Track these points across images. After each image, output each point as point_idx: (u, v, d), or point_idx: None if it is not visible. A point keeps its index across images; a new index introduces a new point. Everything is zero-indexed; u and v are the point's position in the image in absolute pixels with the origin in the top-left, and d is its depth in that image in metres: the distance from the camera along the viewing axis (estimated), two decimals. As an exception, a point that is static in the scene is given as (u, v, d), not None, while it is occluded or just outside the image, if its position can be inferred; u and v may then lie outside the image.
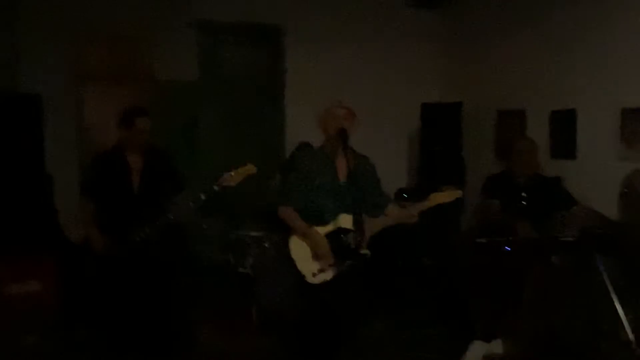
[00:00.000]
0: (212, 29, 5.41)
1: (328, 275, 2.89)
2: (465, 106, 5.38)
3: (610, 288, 2.65)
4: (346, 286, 2.89)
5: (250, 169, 3.17)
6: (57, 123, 4.73)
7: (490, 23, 5.32)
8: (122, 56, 5.20)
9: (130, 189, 3.30)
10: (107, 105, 5.20)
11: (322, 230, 2.91)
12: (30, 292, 3.64)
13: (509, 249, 3.24)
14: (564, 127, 4.36)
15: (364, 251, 2.90)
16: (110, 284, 3.17)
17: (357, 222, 2.83)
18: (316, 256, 2.89)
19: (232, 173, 3.15)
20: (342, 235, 2.87)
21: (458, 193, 3.01)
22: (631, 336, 2.64)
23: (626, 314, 2.68)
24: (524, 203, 3.71)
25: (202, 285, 4.48)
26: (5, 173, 4.08)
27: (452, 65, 5.82)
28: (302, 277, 2.91)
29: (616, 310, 2.65)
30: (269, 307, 4.30)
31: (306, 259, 2.91)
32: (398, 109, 5.75)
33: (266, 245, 4.44)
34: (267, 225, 4.56)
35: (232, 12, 5.33)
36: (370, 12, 5.74)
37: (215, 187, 3.15)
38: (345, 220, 2.90)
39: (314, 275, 2.88)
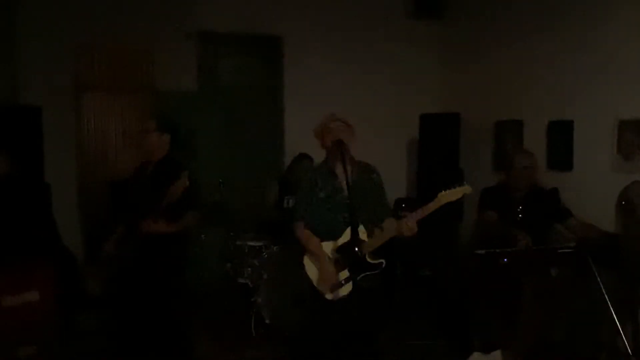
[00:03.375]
0: (211, 39, 5.44)
1: (345, 290, 2.82)
2: (463, 117, 5.40)
3: (607, 299, 2.66)
4: (365, 299, 2.83)
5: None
6: (56, 133, 4.74)
7: (488, 34, 5.36)
8: (122, 67, 5.22)
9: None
10: (106, 116, 5.25)
11: (335, 244, 2.87)
12: (28, 302, 3.62)
13: (507, 260, 3.24)
14: (561, 138, 4.38)
15: (379, 260, 2.83)
16: (102, 295, 3.19)
17: (370, 232, 2.81)
18: (325, 276, 2.84)
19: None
20: (355, 248, 2.78)
21: (467, 189, 2.73)
22: (629, 347, 2.64)
23: (624, 325, 2.68)
24: (520, 216, 3.71)
25: (201, 295, 4.47)
26: (4, 183, 4.09)
27: (450, 76, 5.85)
28: (320, 294, 2.84)
29: (614, 321, 2.65)
30: (269, 318, 4.30)
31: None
32: (396, 119, 5.77)
33: (265, 255, 4.43)
34: (265, 235, 4.57)
35: (231, 23, 5.37)
36: (368, 23, 5.78)
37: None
38: (357, 232, 2.80)
39: (331, 291, 2.82)
